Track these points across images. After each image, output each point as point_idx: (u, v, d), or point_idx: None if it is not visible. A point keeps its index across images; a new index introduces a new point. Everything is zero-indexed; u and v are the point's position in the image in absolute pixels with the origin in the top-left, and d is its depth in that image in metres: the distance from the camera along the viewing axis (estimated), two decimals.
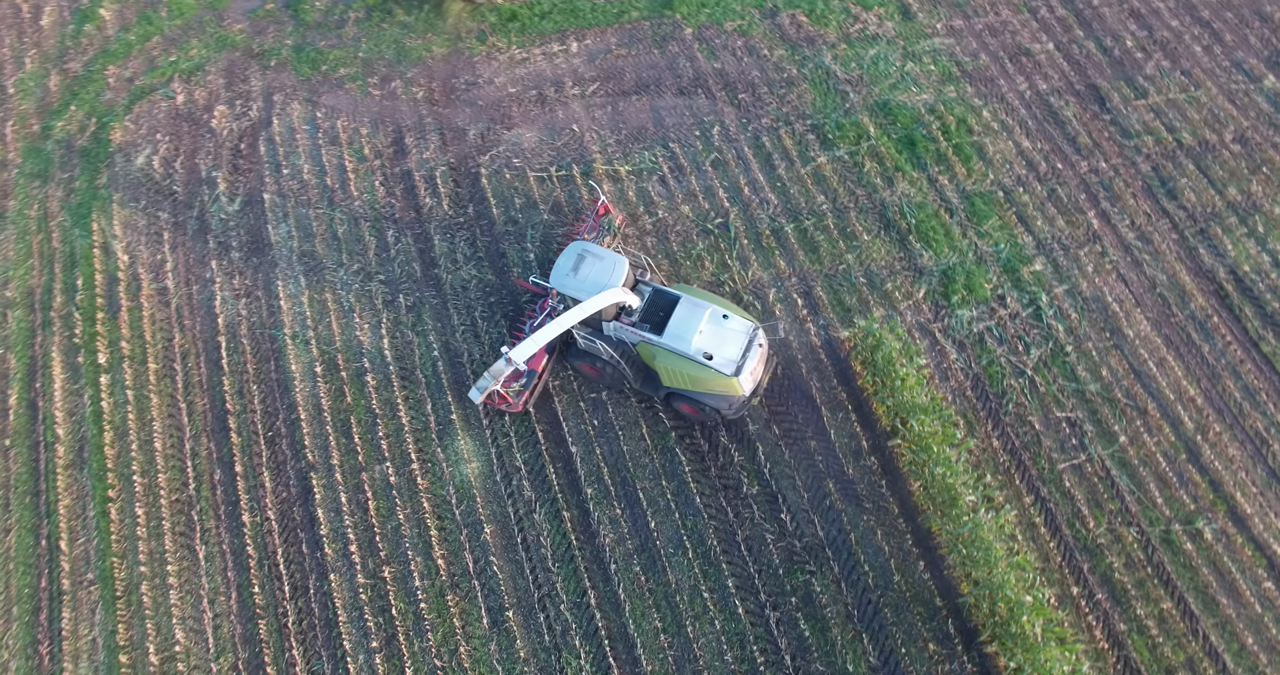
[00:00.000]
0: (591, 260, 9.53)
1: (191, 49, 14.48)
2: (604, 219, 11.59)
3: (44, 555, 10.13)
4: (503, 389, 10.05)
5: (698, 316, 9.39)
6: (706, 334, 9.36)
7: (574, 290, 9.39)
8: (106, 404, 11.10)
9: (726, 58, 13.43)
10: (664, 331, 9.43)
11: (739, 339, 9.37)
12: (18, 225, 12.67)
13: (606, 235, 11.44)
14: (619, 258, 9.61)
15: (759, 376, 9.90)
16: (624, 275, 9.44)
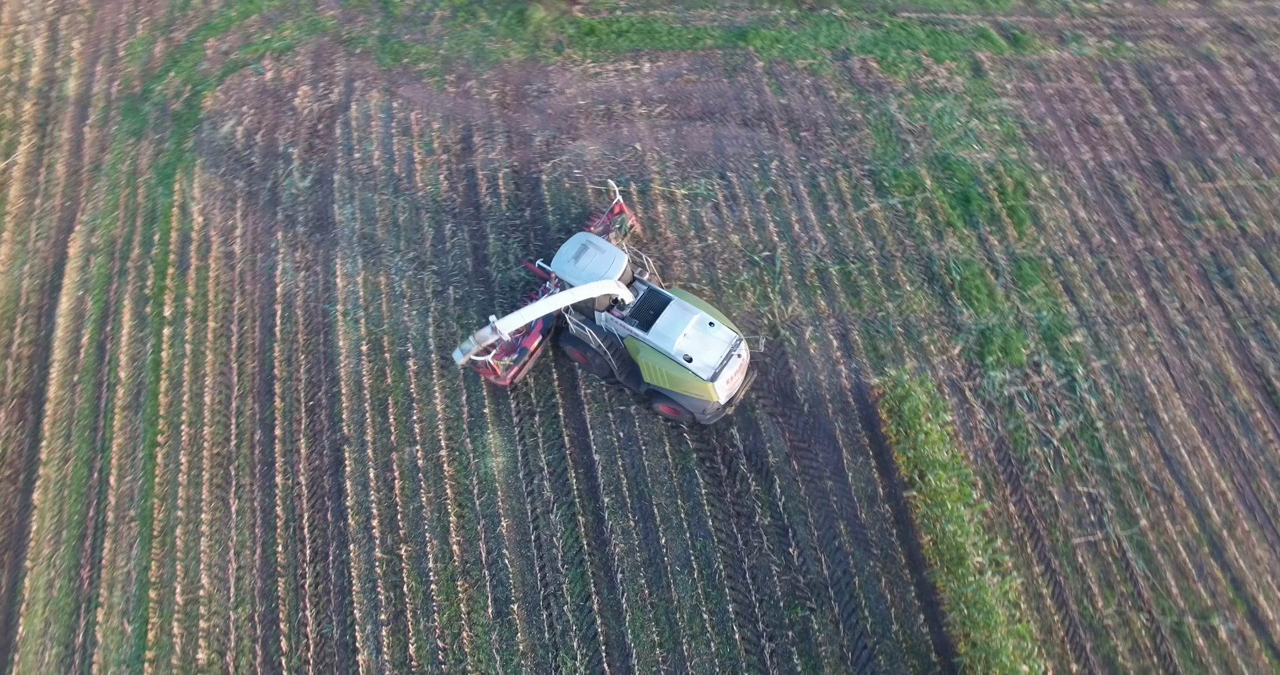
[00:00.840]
0: (593, 251, 10.45)
1: (285, 29, 15.87)
2: (618, 217, 12.40)
3: (94, 487, 11.26)
4: (494, 361, 10.82)
5: (685, 320, 10.18)
6: (690, 338, 10.10)
7: (571, 276, 10.34)
8: (166, 355, 12.25)
9: (793, 94, 14.16)
10: (650, 329, 10.22)
11: (721, 347, 10.06)
12: (110, 178, 14.09)
13: (616, 234, 12.19)
14: (619, 252, 10.54)
15: (736, 387, 10.56)
16: (621, 269, 10.32)
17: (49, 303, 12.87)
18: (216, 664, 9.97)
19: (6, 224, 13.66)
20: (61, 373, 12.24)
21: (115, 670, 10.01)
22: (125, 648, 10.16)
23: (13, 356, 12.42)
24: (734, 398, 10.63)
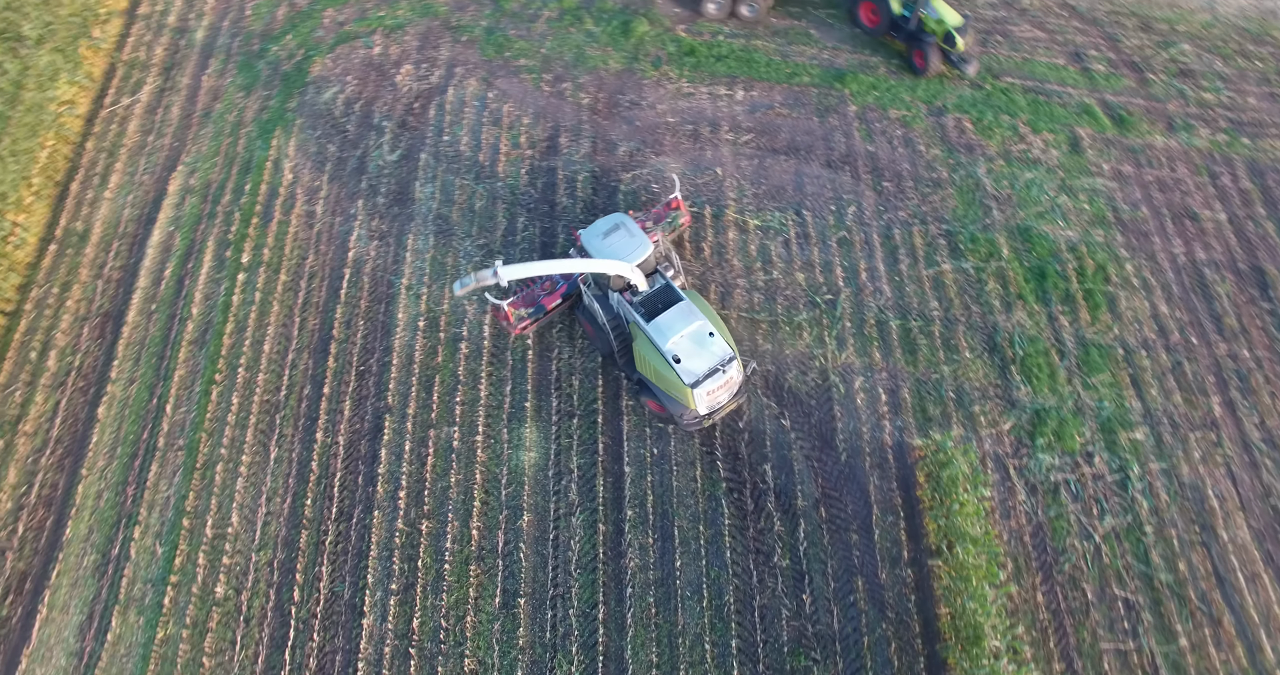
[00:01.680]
0: (623, 232, 11.29)
1: (399, 9, 17.30)
2: (673, 212, 13.12)
3: (152, 412, 12.42)
4: (510, 308, 12.00)
5: (687, 323, 10.92)
6: (685, 340, 10.87)
7: (594, 249, 11.23)
8: (236, 299, 13.45)
9: (882, 143, 14.66)
10: (651, 321, 11.08)
11: (711, 359, 10.78)
12: (216, 126, 15.61)
13: (665, 228, 12.88)
14: (646, 241, 11.32)
15: (719, 402, 11.19)
16: (643, 257, 11.08)
17: (143, 233, 14.37)
18: (232, 600, 10.86)
19: (120, 155, 15.33)
20: (142, 300, 13.59)
21: (141, 587, 11.05)
22: (153, 568, 11.17)
23: (103, 277, 13.91)
24: (716, 412, 11.27)
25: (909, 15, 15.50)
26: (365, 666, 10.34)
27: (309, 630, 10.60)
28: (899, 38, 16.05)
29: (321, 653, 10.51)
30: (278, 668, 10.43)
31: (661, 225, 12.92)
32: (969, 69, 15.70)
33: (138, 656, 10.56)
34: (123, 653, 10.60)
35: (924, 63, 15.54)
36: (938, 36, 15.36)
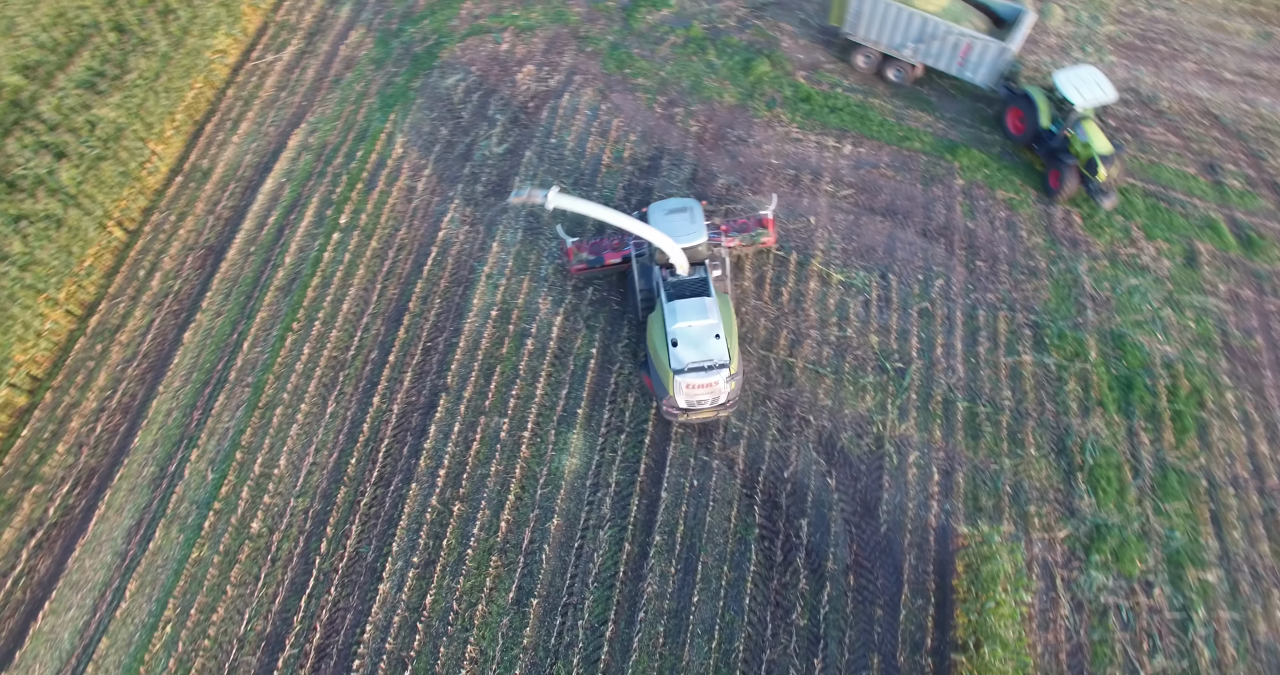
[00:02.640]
0: (686, 216, 12.91)
1: (533, 12, 19.52)
2: (760, 230, 14.43)
3: (230, 346, 14.31)
4: (574, 248, 14.13)
5: (700, 316, 12.28)
6: (691, 331, 12.20)
7: (655, 222, 13.09)
8: (328, 255, 15.39)
9: (983, 221, 15.56)
10: (670, 301, 12.60)
11: (703, 355, 11.95)
12: (343, 92, 17.94)
13: (743, 239, 14.24)
14: (703, 232, 12.79)
15: (699, 401, 12.30)
16: (692, 243, 12.60)
17: (258, 180, 16.63)
18: (264, 538, 12.31)
19: (254, 106, 17.83)
20: (243, 241, 15.74)
21: (187, 507, 12.67)
22: (201, 491, 12.80)
23: (215, 214, 16.17)
24: (693, 411, 12.44)
25: (1056, 131, 15.71)
26: (373, 630, 11.54)
27: (328, 583, 11.91)
28: (1039, 151, 16.27)
29: (335, 607, 11.78)
30: (292, 612, 11.77)
31: (742, 236, 14.42)
32: (1105, 202, 15.67)
33: (171, 570, 12.11)
34: (159, 563, 12.19)
35: (1058, 185, 15.66)
36: (1080, 160, 15.41)
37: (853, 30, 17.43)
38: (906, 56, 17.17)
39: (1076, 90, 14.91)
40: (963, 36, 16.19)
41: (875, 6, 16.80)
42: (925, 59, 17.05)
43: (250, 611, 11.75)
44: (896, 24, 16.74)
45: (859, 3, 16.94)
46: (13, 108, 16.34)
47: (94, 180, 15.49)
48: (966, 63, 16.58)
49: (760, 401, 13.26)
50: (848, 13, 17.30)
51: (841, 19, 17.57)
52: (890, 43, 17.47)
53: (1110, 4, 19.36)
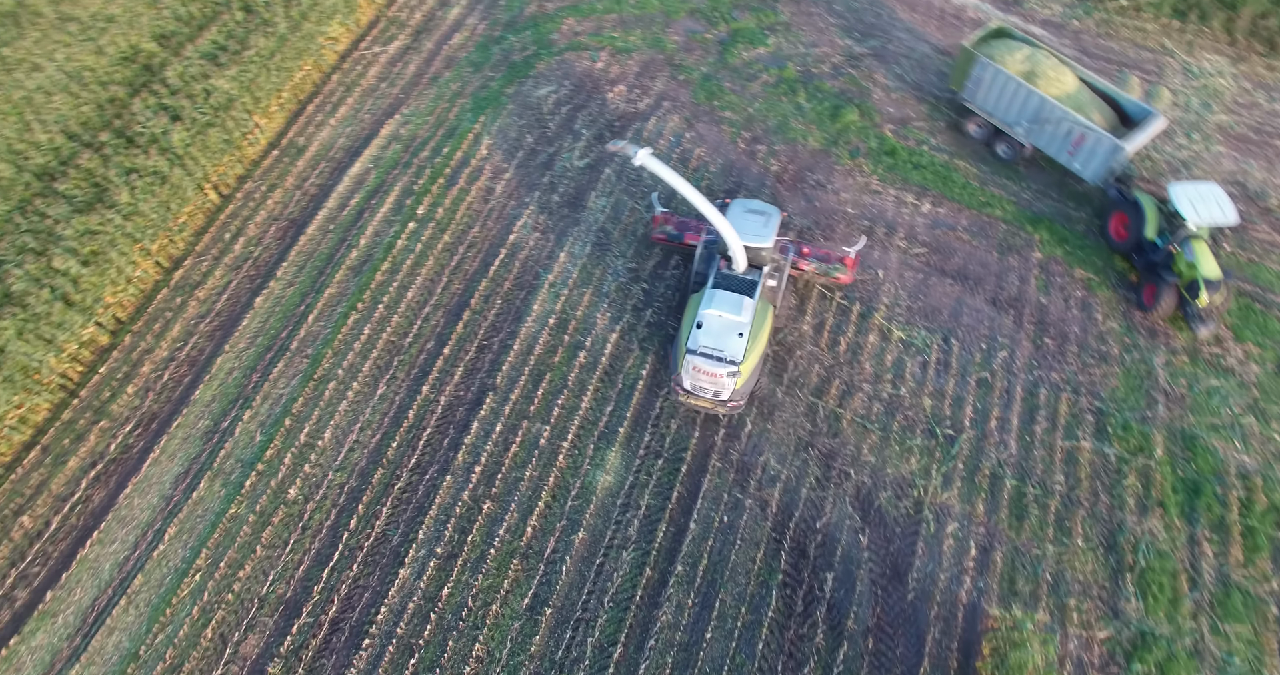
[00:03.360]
0: (760, 220, 14.38)
1: (632, 35, 21.22)
2: (839, 265, 15.36)
3: (296, 316, 15.88)
4: (660, 218, 15.86)
5: (733, 310, 13.65)
6: (719, 320, 13.55)
7: (731, 215, 14.54)
8: (401, 243, 16.94)
9: (1056, 298, 16.05)
10: (712, 288, 14.16)
11: (719, 344, 13.28)
12: (439, 90, 19.85)
13: (823, 269, 15.22)
14: (771, 237, 14.16)
15: (700, 387, 13.56)
16: (755, 244, 13.81)
17: (346, 162, 18.46)
18: (299, 506, 13.53)
19: (355, 93, 19.87)
20: (324, 218, 17.47)
21: (233, 463, 14.05)
22: (248, 450, 14.18)
23: (302, 190, 18.00)
24: (694, 396, 13.72)
25: (1161, 245, 15.48)
26: (387, 612, 12.48)
27: (351, 559, 12.98)
28: (1137, 262, 16.08)
29: (354, 584, 12.81)
30: (313, 582, 12.82)
31: (819, 265, 15.49)
32: (1202, 330, 15.38)
33: (208, 522, 13.41)
34: (198, 513, 13.51)
35: (1153, 302, 15.50)
36: (1182, 281, 15.11)
37: (970, 98, 18.06)
38: (1018, 135, 17.63)
39: (1192, 206, 14.78)
40: (1078, 125, 16.40)
41: (996, 78, 17.38)
42: (1036, 141, 17.44)
43: (275, 574, 12.91)
44: (1014, 100, 17.21)
45: (981, 71, 17.43)
46: (144, 71, 18.72)
47: (200, 144, 17.55)
48: (1077, 154, 16.78)
49: (803, 447, 13.94)
50: (968, 79, 17.90)
51: (961, 84, 18.20)
52: (1005, 118, 17.76)
53: (1225, 92, 19.74)
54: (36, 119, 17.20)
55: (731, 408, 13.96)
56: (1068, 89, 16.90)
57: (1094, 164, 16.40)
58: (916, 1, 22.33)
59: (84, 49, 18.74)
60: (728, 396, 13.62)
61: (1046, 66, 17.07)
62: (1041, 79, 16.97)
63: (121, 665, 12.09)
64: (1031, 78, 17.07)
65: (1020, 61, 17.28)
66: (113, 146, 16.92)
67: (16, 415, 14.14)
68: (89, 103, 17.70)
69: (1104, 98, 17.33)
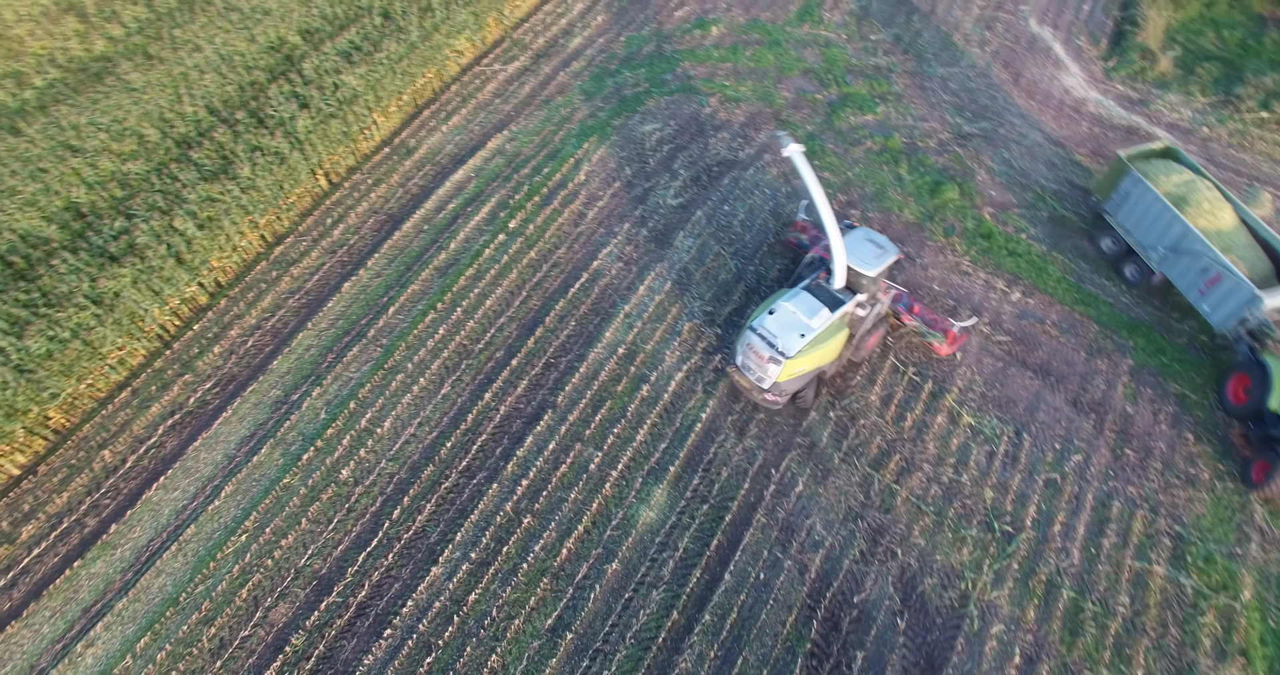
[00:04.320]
0: (877, 251, 15.74)
1: (744, 85, 23.34)
2: (939, 334, 16.41)
3: (378, 307, 17.90)
4: (800, 225, 18.12)
5: (809, 314, 15.20)
6: (792, 316, 15.16)
7: (850, 239, 16.05)
8: (488, 252, 18.96)
9: (1145, 411, 16.55)
10: (796, 287, 15.94)
11: (778, 332, 14.81)
12: (548, 113, 22.31)
13: (920, 331, 16.38)
14: (875, 270, 15.48)
15: (745, 366, 15.39)
16: (860, 269, 15.42)
17: (450, 168, 20.91)
18: (348, 488, 15.08)
19: (469, 104, 22.61)
20: (420, 218, 19.75)
21: (294, 436, 15.82)
22: (311, 426, 15.96)
23: (405, 188, 20.44)
24: (741, 375, 15.53)
25: None
26: (413, 606, 13.70)
27: (388, 549, 14.35)
28: (1252, 432, 15.89)
29: (387, 573, 14.11)
30: (349, 563, 14.18)
31: (921, 326, 16.67)
32: None
33: (262, 488, 15.10)
34: (255, 477, 15.25)
35: (1263, 479, 15.25)
36: None
37: (1112, 211, 18.69)
38: (1151, 260, 17.82)
39: None
40: (1216, 264, 16.34)
41: (1144, 196, 17.66)
42: (1169, 271, 17.55)
43: (314, 549, 14.39)
44: (1157, 223, 17.41)
45: (1131, 185, 17.96)
46: (285, 60, 21.80)
47: (321, 133, 20.21)
48: (1209, 294, 16.70)
49: (852, 517, 14.72)
50: (1115, 190, 18.53)
51: (1106, 194, 18.87)
52: (1141, 239, 18.00)
53: None
54: (188, 93, 20.34)
55: (769, 401, 15.78)
56: (1221, 226, 16.92)
57: (1224, 310, 16.45)
58: (1035, 89, 23.87)
59: (239, 36, 22.16)
60: (767, 386, 15.42)
61: (1203, 197, 17.07)
62: (1193, 208, 16.95)
63: (162, 607, 13.69)
64: (1182, 204, 17.25)
65: (1175, 185, 17.45)
66: (245, 125, 19.81)
67: (117, 356, 16.50)
68: (233, 83, 20.85)
69: (1266, 248, 17.15)
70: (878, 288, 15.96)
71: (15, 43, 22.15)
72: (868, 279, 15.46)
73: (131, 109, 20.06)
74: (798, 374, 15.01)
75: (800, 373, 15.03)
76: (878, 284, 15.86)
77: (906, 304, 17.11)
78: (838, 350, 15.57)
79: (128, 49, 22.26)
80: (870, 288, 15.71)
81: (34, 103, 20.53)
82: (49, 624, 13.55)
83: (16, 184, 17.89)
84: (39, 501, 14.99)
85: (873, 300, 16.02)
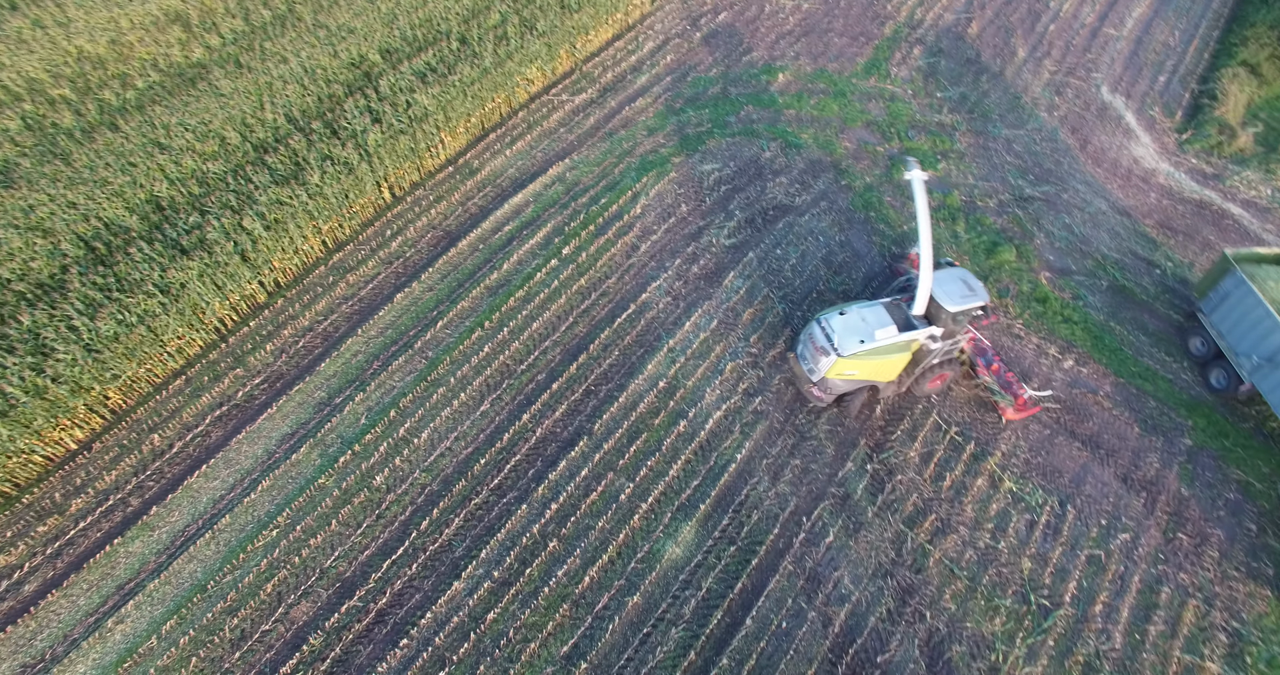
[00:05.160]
0: (964, 291, 16.63)
1: (805, 132, 24.75)
2: (1009, 396, 16.92)
3: (426, 320, 19.25)
4: (913, 258, 19.20)
5: (876, 323, 16.43)
6: (860, 321, 16.51)
7: (945, 272, 17.26)
8: (540, 276, 20.31)
9: (1202, 494, 16.76)
10: (879, 304, 17.23)
11: (834, 332, 16.24)
12: (611, 145, 23.98)
13: (990, 385, 16.98)
14: (953, 305, 16.34)
15: (801, 354, 17.19)
16: (944, 303, 16.37)
17: (510, 191, 22.57)
18: (380, 495, 16.12)
19: (534, 131, 24.45)
20: (476, 237, 21.31)
21: (334, 438, 17.03)
22: (351, 430, 17.18)
23: (464, 207, 22.10)
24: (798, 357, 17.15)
25: None
26: (431, 619, 14.50)
27: (413, 558, 15.28)
28: None
29: (409, 583, 14.99)
30: (373, 569, 15.08)
31: (994, 388, 17.25)
32: None
33: (296, 485, 16.26)
34: (292, 475, 16.44)
35: None
36: None
37: (1208, 310, 18.77)
38: (1242, 368, 17.77)
39: None
40: None
41: (1245, 299, 17.60)
42: (1260, 382, 17.45)
43: (341, 551, 15.38)
44: (1256, 329, 17.36)
45: (1232, 286, 17.92)
46: (363, 77, 23.95)
47: (390, 147, 22.06)
48: None
49: (882, 574, 15.20)
50: (1215, 290, 18.57)
51: (1204, 293, 18.96)
52: (1235, 345, 17.97)
53: None
54: (270, 101, 22.50)
55: (815, 394, 17.25)
56: None
57: None
58: (1103, 156, 24.76)
59: (324, 51, 24.47)
60: (815, 379, 17.02)
61: None
62: None
63: (190, 593, 14.77)
64: None
65: None
66: (319, 134, 21.81)
67: (176, 345, 18.10)
68: (313, 95, 22.98)
69: None
70: (959, 328, 16.80)
71: (126, 48, 24.90)
72: (946, 314, 16.35)
73: (218, 113, 22.36)
74: (847, 376, 16.66)
75: (850, 376, 16.66)
76: (960, 325, 16.71)
77: (988, 359, 17.90)
78: (895, 372, 16.87)
79: (222, 57, 24.84)
80: (949, 324, 16.58)
81: (133, 102, 22.99)
82: (85, 596, 14.78)
83: (108, 176, 20.04)
84: (90, 477, 16.42)
85: (949, 338, 16.90)
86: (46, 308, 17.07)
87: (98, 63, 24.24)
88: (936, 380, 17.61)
